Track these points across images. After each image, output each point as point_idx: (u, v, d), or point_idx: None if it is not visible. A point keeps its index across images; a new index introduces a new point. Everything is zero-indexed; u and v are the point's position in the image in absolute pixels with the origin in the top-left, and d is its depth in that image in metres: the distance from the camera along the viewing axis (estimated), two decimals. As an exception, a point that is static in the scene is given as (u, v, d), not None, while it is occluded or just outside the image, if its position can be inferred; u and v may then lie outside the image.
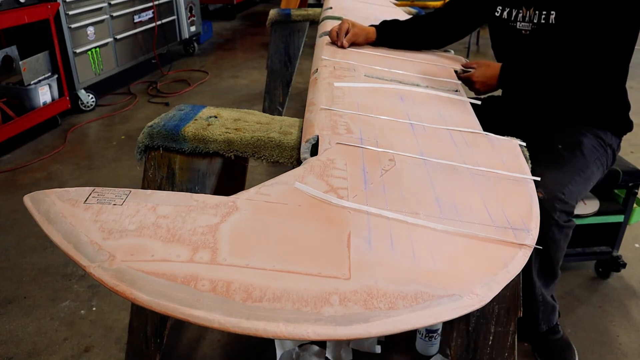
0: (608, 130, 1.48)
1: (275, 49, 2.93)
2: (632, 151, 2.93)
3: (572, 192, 1.31)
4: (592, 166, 1.41)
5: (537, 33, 1.48)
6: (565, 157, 1.39)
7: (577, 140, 1.44)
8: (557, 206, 1.27)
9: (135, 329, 1.30)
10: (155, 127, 1.21)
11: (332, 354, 1.51)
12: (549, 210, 1.26)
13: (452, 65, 1.64)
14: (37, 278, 1.89)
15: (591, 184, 1.43)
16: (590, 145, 1.43)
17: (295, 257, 0.70)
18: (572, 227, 1.32)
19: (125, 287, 0.64)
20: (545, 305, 1.45)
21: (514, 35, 1.53)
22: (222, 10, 6.87)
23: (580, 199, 1.45)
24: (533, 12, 1.47)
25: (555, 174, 1.33)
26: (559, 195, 1.27)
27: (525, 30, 1.51)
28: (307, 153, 1.02)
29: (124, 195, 0.79)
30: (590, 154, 1.42)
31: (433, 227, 0.79)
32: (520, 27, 1.51)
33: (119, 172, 2.71)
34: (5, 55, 2.98)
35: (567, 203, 1.28)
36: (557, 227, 1.28)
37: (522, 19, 1.51)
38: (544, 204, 1.26)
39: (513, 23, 1.53)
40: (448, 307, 0.65)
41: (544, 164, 1.35)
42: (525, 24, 1.50)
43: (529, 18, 1.48)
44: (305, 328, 0.60)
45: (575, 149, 1.41)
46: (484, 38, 5.48)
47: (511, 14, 1.53)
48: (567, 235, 1.32)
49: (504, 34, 1.58)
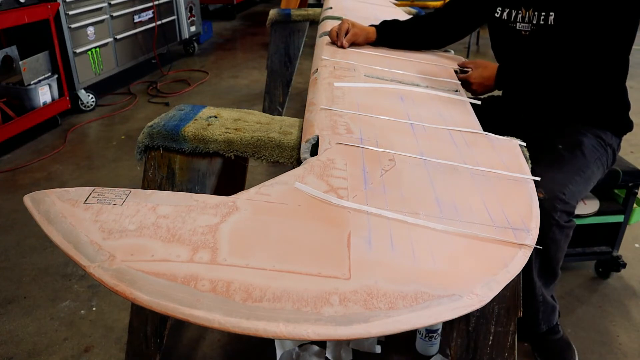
0: (608, 130, 1.48)
1: (275, 49, 2.93)
2: (632, 151, 2.93)
3: (572, 192, 1.31)
4: (593, 166, 1.41)
5: (536, 34, 1.48)
6: (566, 157, 1.39)
7: (577, 140, 1.44)
8: (558, 206, 1.27)
9: (135, 329, 1.30)
10: (155, 127, 1.21)
11: (332, 354, 1.51)
12: (550, 210, 1.26)
13: (452, 65, 1.64)
14: (37, 278, 1.89)
15: (591, 184, 1.43)
16: (591, 145, 1.43)
17: (295, 257, 0.70)
18: (572, 227, 1.32)
19: (125, 287, 0.64)
20: (546, 305, 1.45)
21: (513, 36, 1.54)
22: (222, 10, 6.88)
23: (580, 199, 1.45)
24: (532, 13, 1.47)
25: (556, 174, 1.32)
26: (560, 195, 1.27)
27: (524, 31, 1.51)
28: (307, 153, 1.02)
29: (124, 195, 0.79)
30: (590, 154, 1.42)
31: (433, 227, 0.79)
32: (520, 28, 1.52)
33: (119, 172, 2.71)
34: (5, 55, 2.98)
35: (567, 203, 1.28)
36: (557, 227, 1.28)
37: (521, 20, 1.51)
38: (544, 204, 1.26)
39: (513, 24, 1.53)
40: (448, 307, 0.65)
41: (544, 164, 1.35)
42: (525, 24, 1.50)
43: (529, 19, 1.49)
44: (305, 328, 0.60)
45: (575, 149, 1.41)
46: (484, 38, 5.48)
47: (511, 15, 1.54)
48: (567, 236, 1.32)
49: (503, 34, 1.59)
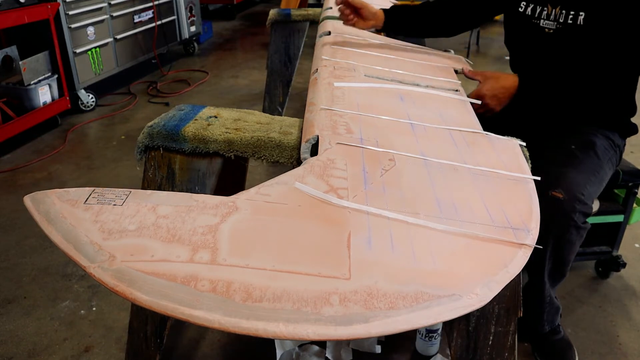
0: (616, 132, 1.47)
1: (275, 49, 2.93)
2: (632, 151, 2.93)
3: (590, 193, 1.28)
4: (605, 167, 1.39)
5: (561, 33, 1.43)
6: (580, 158, 1.36)
7: (589, 141, 1.41)
8: (577, 207, 1.24)
9: (135, 329, 1.30)
10: (155, 127, 1.21)
11: (332, 354, 1.51)
12: (569, 211, 1.23)
13: (452, 65, 1.64)
14: (37, 278, 1.89)
15: (603, 184, 1.40)
16: (603, 146, 1.41)
17: (295, 257, 0.70)
18: (587, 229, 1.29)
19: (125, 287, 0.64)
20: (551, 305, 1.45)
21: (535, 33, 1.48)
22: (222, 10, 6.87)
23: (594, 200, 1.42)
24: (559, 11, 1.42)
25: (574, 174, 1.30)
26: (579, 196, 1.24)
27: (548, 29, 1.45)
28: (307, 153, 1.02)
29: (124, 195, 0.79)
30: (603, 155, 1.39)
31: (433, 227, 0.79)
32: (544, 25, 1.46)
33: (119, 172, 2.71)
34: (5, 55, 2.98)
35: (586, 204, 1.26)
36: (575, 229, 1.26)
37: (546, 17, 1.45)
38: (564, 204, 1.23)
39: (536, 20, 1.48)
40: (448, 307, 0.65)
41: (559, 163, 1.32)
42: (550, 22, 1.44)
43: (555, 16, 1.43)
44: (305, 328, 0.60)
45: (589, 149, 1.39)
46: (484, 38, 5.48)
47: (535, 11, 1.48)
48: (582, 237, 1.30)
49: (525, 30, 1.53)
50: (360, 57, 1.59)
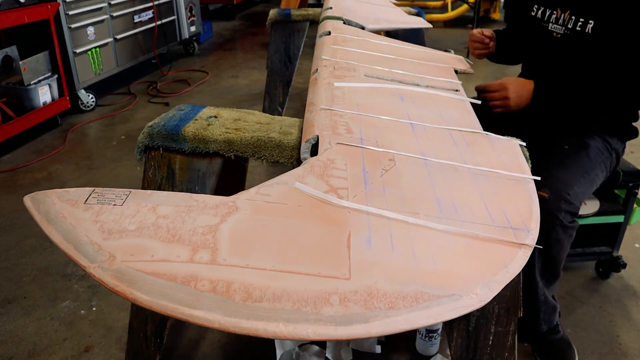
0: (615, 136, 1.48)
1: (275, 49, 2.93)
2: (632, 151, 2.93)
3: (577, 193, 1.30)
4: (597, 169, 1.40)
5: (569, 39, 1.43)
6: (571, 158, 1.37)
7: (583, 142, 1.42)
8: (563, 206, 1.26)
9: (135, 329, 1.30)
10: (155, 127, 1.21)
11: (332, 354, 1.51)
12: (554, 210, 1.25)
13: (452, 65, 1.64)
14: (37, 278, 1.89)
15: (595, 186, 1.42)
16: (597, 148, 1.42)
17: (295, 257, 0.70)
18: (575, 228, 1.32)
19: (125, 287, 0.64)
20: (547, 305, 1.45)
21: (544, 36, 1.49)
22: (222, 10, 6.87)
23: (583, 201, 1.44)
24: (568, 17, 1.42)
25: (561, 174, 1.32)
26: (565, 195, 1.27)
27: (556, 33, 1.46)
28: (307, 153, 1.02)
29: (124, 195, 0.79)
30: (596, 157, 1.41)
31: (433, 227, 0.79)
32: (552, 29, 1.47)
33: (119, 172, 2.71)
34: (5, 55, 2.98)
35: (572, 204, 1.28)
36: (561, 228, 1.28)
37: (555, 21, 1.46)
38: (549, 204, 1.26)
39: (545, 23, 1.49)
40: (448, 307, 0.65)
41: (549, 162, 1.34)
42: (558, 26, 1.45)
43: (563, 21, 1.44)
44: (305, 328, 0.60)
45: (581, 150, 1.40)
46: (484, 38, 5.48)
47: (545, 14, 1.49)
48: (570, 236, 1.32)
49: (534, 33, 1.54)
50: (360, 57, 1.59)
